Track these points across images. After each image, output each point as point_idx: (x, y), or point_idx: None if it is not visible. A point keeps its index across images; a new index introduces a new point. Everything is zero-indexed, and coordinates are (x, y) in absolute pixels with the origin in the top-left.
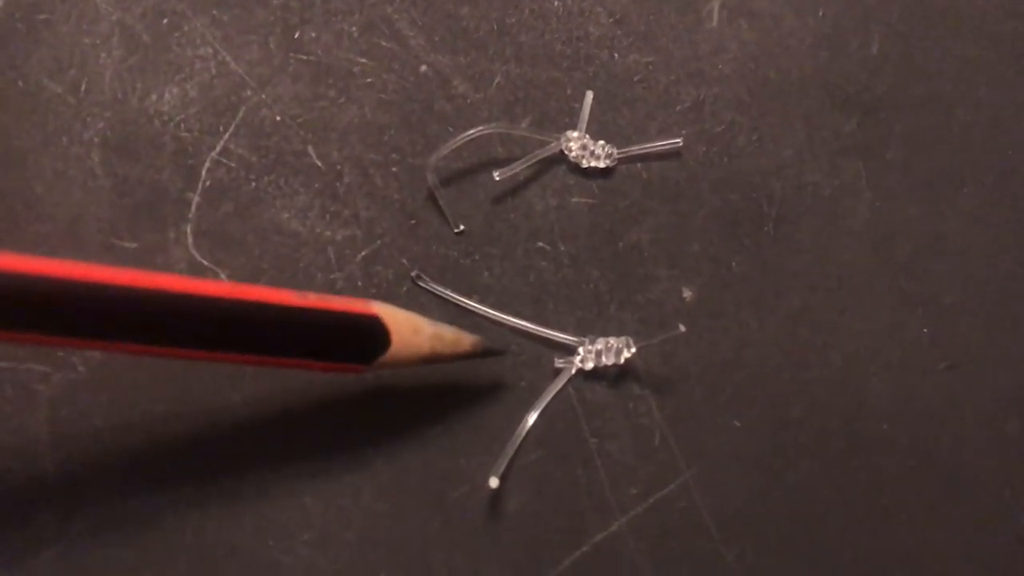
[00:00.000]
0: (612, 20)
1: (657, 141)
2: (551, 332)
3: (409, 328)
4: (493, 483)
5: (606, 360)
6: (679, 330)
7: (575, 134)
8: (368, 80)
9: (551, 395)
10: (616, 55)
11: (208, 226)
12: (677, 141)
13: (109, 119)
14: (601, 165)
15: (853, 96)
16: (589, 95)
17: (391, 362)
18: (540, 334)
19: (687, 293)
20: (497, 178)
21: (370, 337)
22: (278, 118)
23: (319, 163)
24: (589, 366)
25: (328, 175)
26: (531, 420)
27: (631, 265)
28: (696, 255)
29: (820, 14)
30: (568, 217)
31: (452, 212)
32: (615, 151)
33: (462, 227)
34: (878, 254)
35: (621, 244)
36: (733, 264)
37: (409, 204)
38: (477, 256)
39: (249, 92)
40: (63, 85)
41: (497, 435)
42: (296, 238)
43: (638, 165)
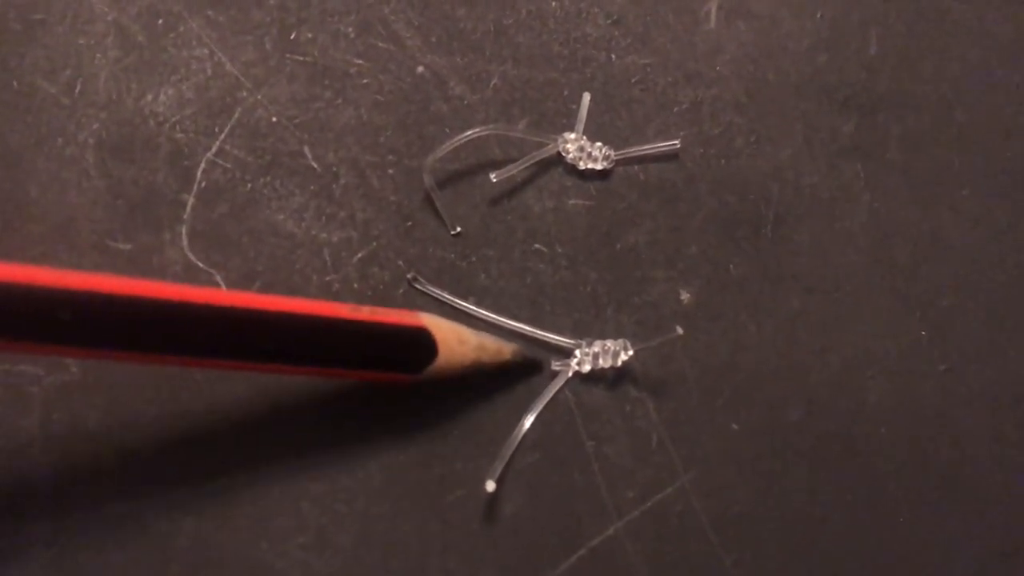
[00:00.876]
0: (610, 21)
1: (655, 143)
2: (547, 334)
3: (455, 338)
4: (490, 487)
5: (603, 363)
6: (676, 332)
7: (572, 136)
8: (364, 81)
9: (547, 398)
10: (614, 56)
11: (203, 228)
12: (675, 143)
13: (104, 120)
14: (598, 167)
15: (851, 97)
16: (586, 96)
17: (437, 372)
18: (537, 336)
19: (685, 295)
20: (494, 180)
21: (419, 348)
22: (274, 119)
23: (315, 164)
24: (586, 369)
25: (324, 176)
26: (527, 423)
27: (628, 267)
28: (694, 257)
29: (818, 15)
30: (565, 219)
31: (449, 214)
32: (612, 153)
33: (459, 229)
34: (877, 256)
35: (618, 246)
36: (731, 266)
37: (405, 206)
38: (474, 258)
39: (245, 93)
40: (57, 86)
41: (493, 438)
42: (292, 240)
43: (636, 167)
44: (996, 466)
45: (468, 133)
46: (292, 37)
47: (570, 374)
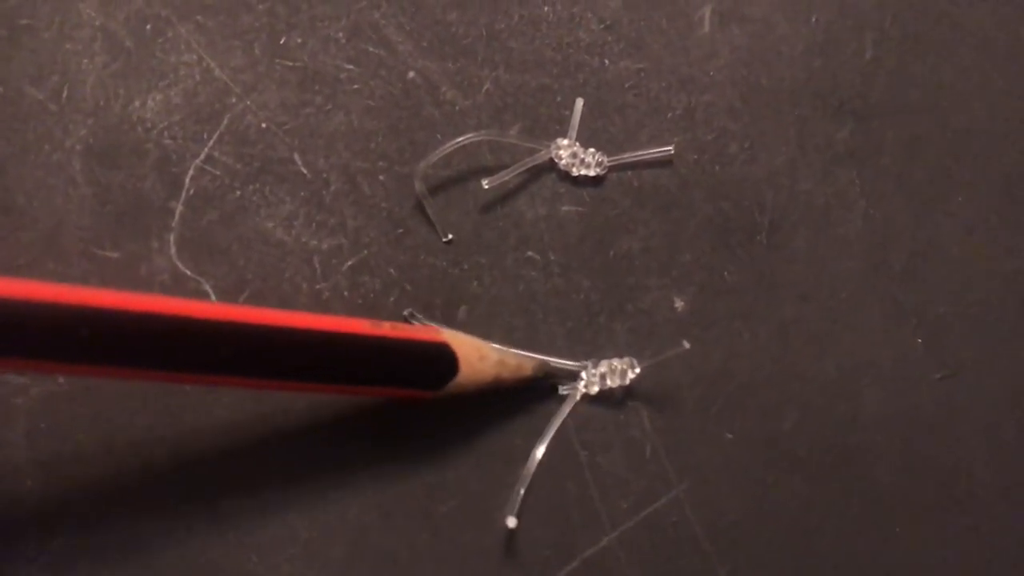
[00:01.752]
0: (603, 26)
1: (648, 149)
2: (551, 359)
3: (476, 355)
4: (511, 523)
5: (611, 383)
6: (683, 347)
7: (565, 142)
8: (355, 86)
9: (557, 424)
10: (607, 62)
11: (192, 235)
12: (668, 149)
13: (91, 126)
14: (591, 173)
15: (846, 103)
16: (579, 102)
17: (458, 388)
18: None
19: (679, 303)
20: (486, 186)
21: (441, 364)
22: (263, 125)
23: (305, 171)
24: (595, 390)
25: (314, 183)
26: (539, 453)
27: (622, 274)
28: (688, 264)
29: (813, 20)
30: (558, 226)
31: (440, 221)
32: (606, 159)
33: (451, 236)
34: (872, 263)
35: (612, 253)
36: (725, 273)
37: (396, 213)
38: (466, 265)
39: (234, 99)
40: (45, 92)
41: (484, 449)
42: (281, 247)
43: (629, 173)
44: (993, 475)
45: (460, 139)
46: (282, 42)
47: (578, 397)
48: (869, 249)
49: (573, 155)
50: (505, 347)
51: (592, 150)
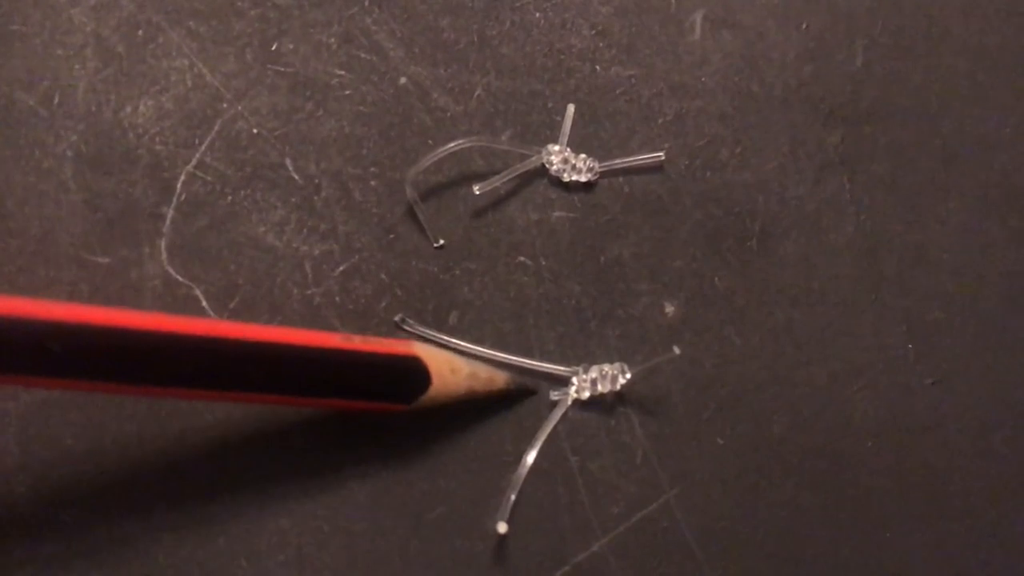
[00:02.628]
0: (594, 32)
1: (639, 155)
2: (541, 364)
3: (447, 368)
4: (501, 528)
5: (601, 388)
6: (674, 353)
7: (556, 148)
8: (346, 92)
9: (548, 430)
10: (598, 68)
11: (183, 241)
12: (659, 155)
13: (82, 132)
14: (583, 179)
15: (837, 109)
16: (571, 108)
17: (430, 401)
18: (531, 368)
19: (670, 308)
20: (477, 192)
21: (412, 377)
22: (255, 131)
23: (296, 176)
24: (585, 396)
25: (305, 189)
26: (530, 459)
27: (613, 280)
28: (679, 270)
29: (804, 27)
30: (549, 232)
31: (432, 226)
32: (597, 165)
33: (442, 242)
34: (863, 269)
35: (603, 259)
36: (716, 279)
37: (388, 218)
38: (457, 271)
39: (225, 104)
40: (35, 97)
41: (475, 455)
42: (273, 253)
43: (620, 179)
44: (984, 480)
45: (451, 145)
46: (273, 48)
47: (569, 403)
48: (860, 255)
49: (564, 161)
50: (489, 363)
51: (583, 156)
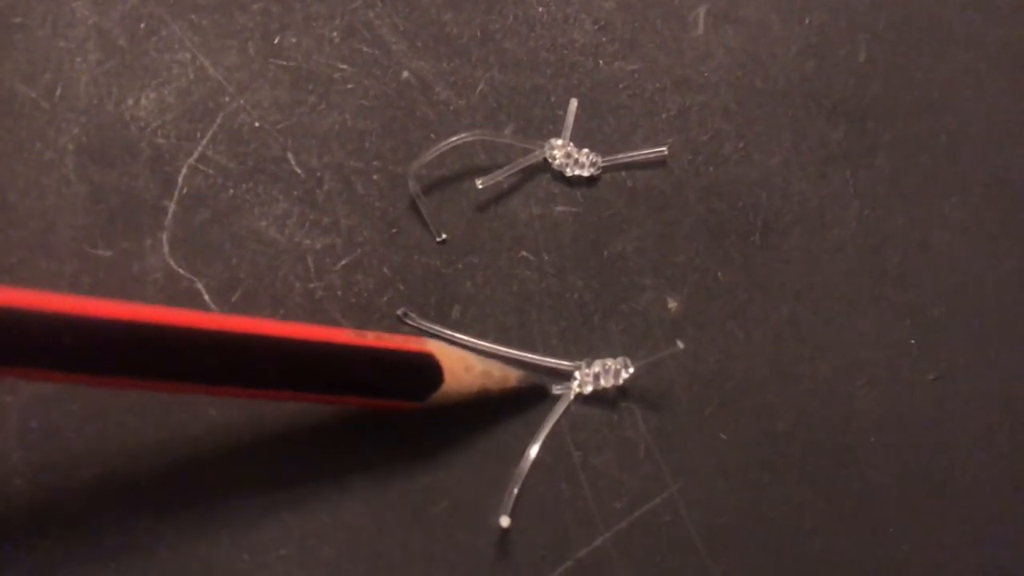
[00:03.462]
0: (597, 27)
1: (642, 149)
2: (545, 359)
3: (461, 366)
4: (504, 522)
5: (604, 382)
6: (677, 347)
7: (559, 142)
8: (349, 86)
9: (551, 424)
10: (601, 62)
11: (185, 234)
12: (662, 149)
13: (84, 124)
14: (585, 173)
15: (840, 104)
16: (573, 102)
17: (443, 399)
18: (533, 362)
19: (672, 303)
20: (480, 186)
21: (425, 375)
22: (257, 124)
23: (299, 170)
24: (588, 390)
25: (308, 182)
26: (533, 452)
27: (616, 275)
28: (682, 265)
29: (807, 21)
30: (552, 226)
31: (434, 220)
32: (600, 159)
33: (444, 236)
34: (866, 264)
35: (606, 254)
36: (719, 274)
37: (390, 212)
38: (460, 265)
39: (227, 98)
40: (37, 90)
41: (478, 449)
42: (275, 247)
43: (623, 174)
44: (987, 476)
45: (454, 139)
46: (276, 41)
47: (572, 397)
48: (863, 250)
49: (567, 155)
50: (490, 357)
51: (586, 150)
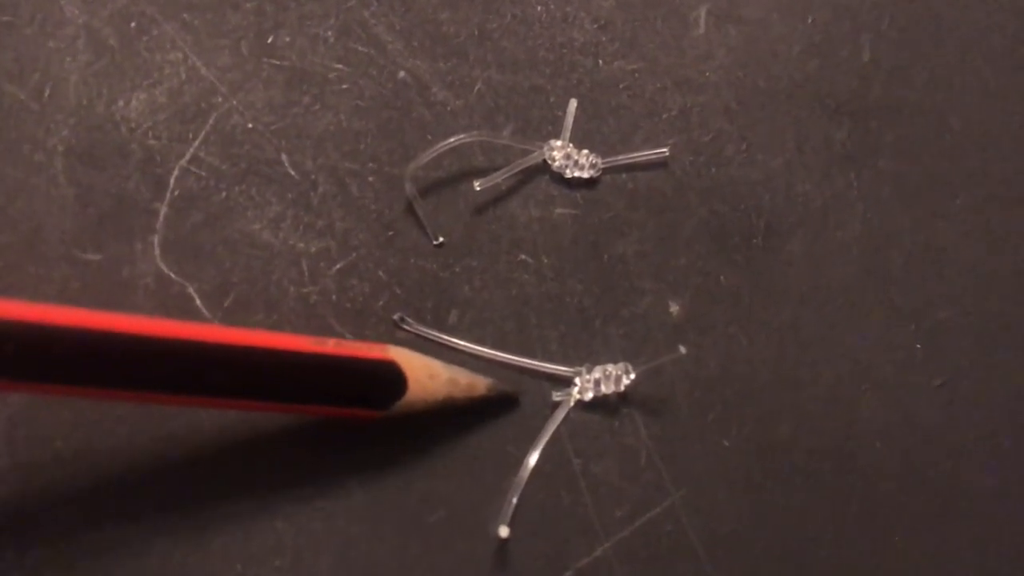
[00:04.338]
0: (597, 26)
1: (643, 150)
2: (544, 364)
3: (425, 373)
4: (503, 532)
5: (605, 389)
6: (679, 352)
7: (558, 143)
8: (344, 86)
9: (550, 431)
10: (601, 62)
11: (176, 237)
12: (663, 151)
13: (74, 126)
14: (585, 175)
15: (844, 104)
16: (573, 103)
17: (407, 407)
18: (534, 368)
19: (674, 307)
20: (478, 188)
21: (388, 383)
22: (250, 125)
23: (292, 172)
24: (588, 396)
25: (302, 184)
26: (532, 461)
27: (616, 278)
28: (683, 268)
29: (810, 20)
30: (551, 228)
31: (431, 223)
32: (600, 160)
33: (441, 239)
34: (870, 267)
35: (606, 256)
36: (721, 277)
37: (386, 215)
38: (457, 269)
39: (220, 98)
40: (26, 90)
41: (476, 457)
42: (268, 250)
43: (623, 175)
44: (992, 482)
45: (451, 140)
46: (269, 41)
47: (572, 404)
48: (867, 252)
49: (566, 156)
50: (489, 363)
51: (586, 151)
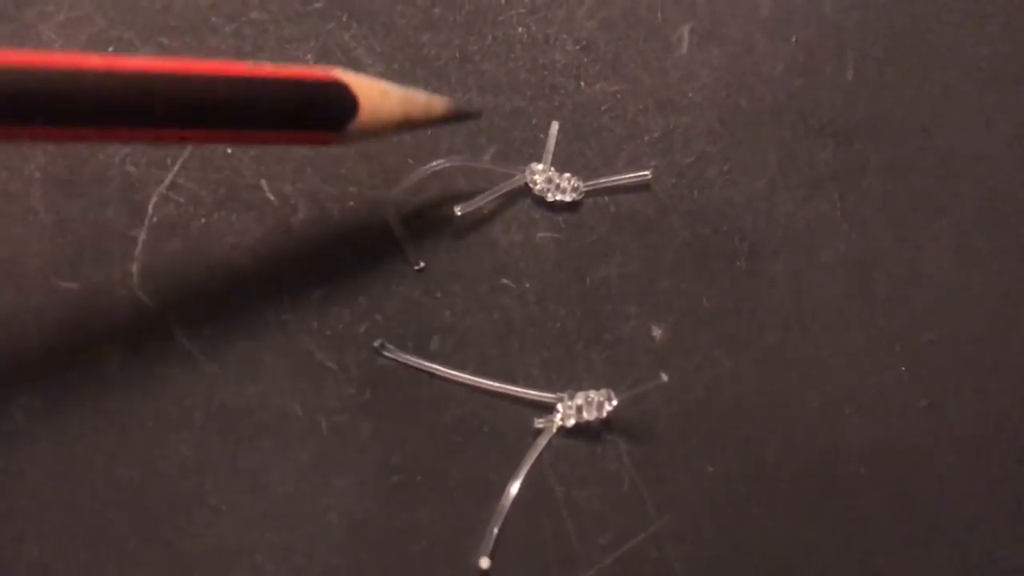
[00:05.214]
0: (578, 48)
1: (625, 173)
2: (526, 391)
3: (377, 92)
4: (484, 563)
5: (587, 415)
6: (662, 379)
7: (540, 166)
8: None
9: (532, 458)
10: (583, 84)
11: (155, 265)
12: (646, 173)
13: (51, 152)
14: (567, 198)
15: (828, 124)
16: (555, 126)
17: (362, 128)
18: (515, 394)
19: (657, 331)
20: (459, 213)
21: (336, 103)
22: (229, 151)
23: (272, 197)
24: (571, 423)
25: (282, 210)
26: (514, 489)
27: (599, 302)
28: (666, 291)
29: (793, 40)
30: (533, 253)
31: (412, 248)
32: (582, 184)
33: (423, 264)
34: (855, 289)
35: (588, 280)
36: (704, 300)
37: (367, 240)
38: (439, 294)
39: None
40: None
41: (457, 485)
42: (248, 277)
43: (606, 198)
44: (978, 506)
45: (433, 164)
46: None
47: (554, 430)
48: (852, 274)
49: (548, 180)
50: (471, 390)
51: (568, 175)
